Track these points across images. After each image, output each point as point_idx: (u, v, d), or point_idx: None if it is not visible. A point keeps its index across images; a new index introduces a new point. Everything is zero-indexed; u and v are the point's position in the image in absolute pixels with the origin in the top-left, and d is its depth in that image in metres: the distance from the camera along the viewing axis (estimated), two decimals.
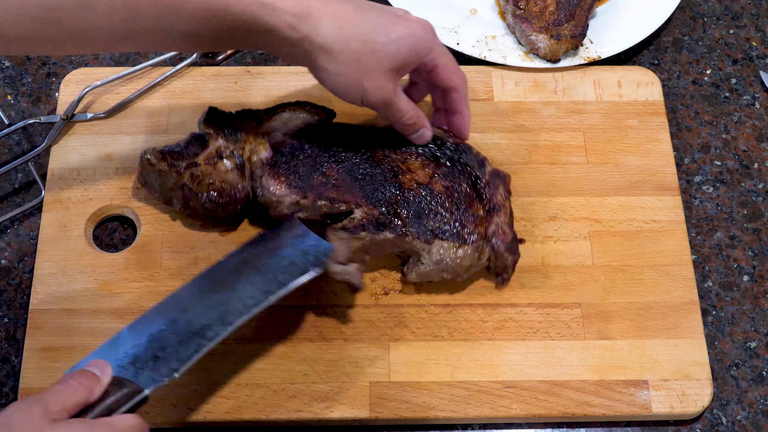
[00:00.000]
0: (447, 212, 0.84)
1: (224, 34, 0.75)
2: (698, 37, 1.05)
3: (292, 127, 0.88)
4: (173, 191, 0.85)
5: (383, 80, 0.79)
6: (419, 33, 0.79)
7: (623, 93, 0.98)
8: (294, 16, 0.74)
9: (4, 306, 0.87)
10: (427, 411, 0.81)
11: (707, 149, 0.98)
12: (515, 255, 0.84)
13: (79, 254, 0.87)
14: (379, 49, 0.77)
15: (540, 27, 0.98)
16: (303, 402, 0.81)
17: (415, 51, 0.79)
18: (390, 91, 0.80)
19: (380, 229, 0.82)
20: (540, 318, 0.86)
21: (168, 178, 0.85)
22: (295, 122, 0.88)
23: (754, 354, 0.87)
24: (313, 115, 0.89)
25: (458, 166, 0.86)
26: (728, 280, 0.91)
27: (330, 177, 0.85)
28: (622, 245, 0.89)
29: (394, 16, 0.79)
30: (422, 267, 0.83)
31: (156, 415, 0.80)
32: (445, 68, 0.82)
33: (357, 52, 0.77)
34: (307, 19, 0.75)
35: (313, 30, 0.75)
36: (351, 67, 0.77)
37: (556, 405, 0.82)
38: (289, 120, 0.88)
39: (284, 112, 0.88)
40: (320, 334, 0.84)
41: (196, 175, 0.84)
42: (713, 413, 0.84)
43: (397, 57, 0.78)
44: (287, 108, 0.88)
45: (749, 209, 0.95)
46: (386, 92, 0.80)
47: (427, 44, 0.80)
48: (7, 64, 1.01)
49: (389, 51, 0.77)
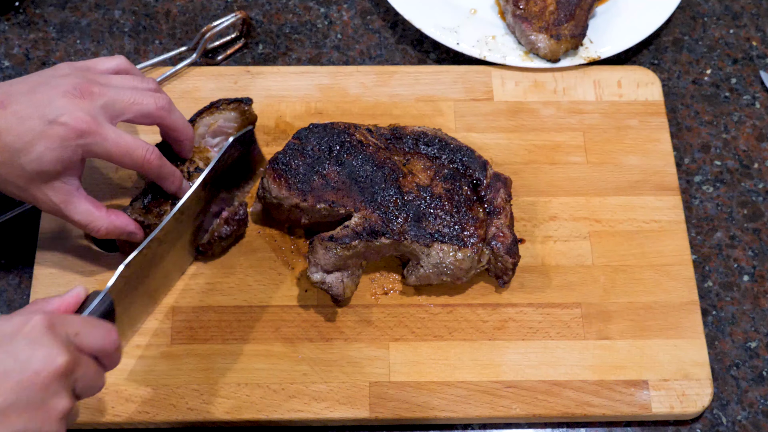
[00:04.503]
0: (447, 215, 0.84)
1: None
2: (698, 37, 1.05)
3: (218, 128, 0.89)
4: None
5: (42, 194, 0.76)
6: (65, 142, 0.74)
7: (623, 93, 0.98)
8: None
9: (4, 306, 0.87)
10: (427, 411, 0.81)
11: (707, 149, 0.98)
12: (515, 257, 0.84)
13: (79, 254, 0.87)
14: (23, 171, 0.75)
15: (540, 27, 0.98)
16: (303, 402, 0.81)
17: (63, 161, 0.75)
18: (55, 204, 0.77)
19: (375, 237, 0.82)
20: (540, 318, 0.86)
21: None
22: (219, 122, 0.88)
23: (754, 354, 0.87)
24: (231, 110, 0.89)
25: (459, 169, 0.86)
26: (728, 280, 0.91)
27: (330, 179, 0.85)
28: (622, 245, 0.89)
29: (43, 127, 0.74)
30: (421, 270, 0.83)
31: (156, 414, 0.80)
32: (109, 155, 0.77)
33: (9, 169, 0.75)
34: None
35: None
36: (9, 184, 0.76)
37: (556, 405, 0.82)
38: (211, 123, 0.88)
39: (203, 117, 0.88)
40: (320, 334, 0.84)
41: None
42: (713, 413, 0.84)
43: (46, 173, 0.75)
44: (204, 112, 0.89)
45: (749, 209, 0.95)
46: (51, 204, 0.77)
47: (75, 151, 0.75)
48: (7, 64, 1.01)
49: (33, 169, 0.74)
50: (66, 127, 0.74)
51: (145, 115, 0.79)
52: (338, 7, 1.06)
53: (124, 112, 0.78)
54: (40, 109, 0.74)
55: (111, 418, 0.80)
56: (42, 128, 0.74)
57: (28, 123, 0.74)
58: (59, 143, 0.74)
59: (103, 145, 0.76)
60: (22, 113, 0.74)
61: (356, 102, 0.96)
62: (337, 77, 0.98)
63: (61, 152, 0.74)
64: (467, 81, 0.98)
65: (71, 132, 0.74)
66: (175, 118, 0.82)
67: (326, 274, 0.82)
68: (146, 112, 0.79)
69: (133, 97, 0.78)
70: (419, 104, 0.96)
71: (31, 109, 0.74)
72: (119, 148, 0.77)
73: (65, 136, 0.74)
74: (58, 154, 0.74)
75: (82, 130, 0.75)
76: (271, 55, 1.02)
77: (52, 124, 0.74)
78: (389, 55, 1.03)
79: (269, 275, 0.87)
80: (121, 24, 1.03)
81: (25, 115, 0.74)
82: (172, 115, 0.81)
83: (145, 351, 0.83)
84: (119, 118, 0.78)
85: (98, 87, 0.77)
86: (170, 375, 0.82)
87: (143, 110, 0.79)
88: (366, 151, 0.86)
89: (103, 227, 0.79)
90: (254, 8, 1.05)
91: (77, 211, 0.78)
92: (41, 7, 1.04)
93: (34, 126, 0.74)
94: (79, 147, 0.75)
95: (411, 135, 0.88)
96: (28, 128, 0.74)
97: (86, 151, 0.76)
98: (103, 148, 0.76)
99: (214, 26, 0.99)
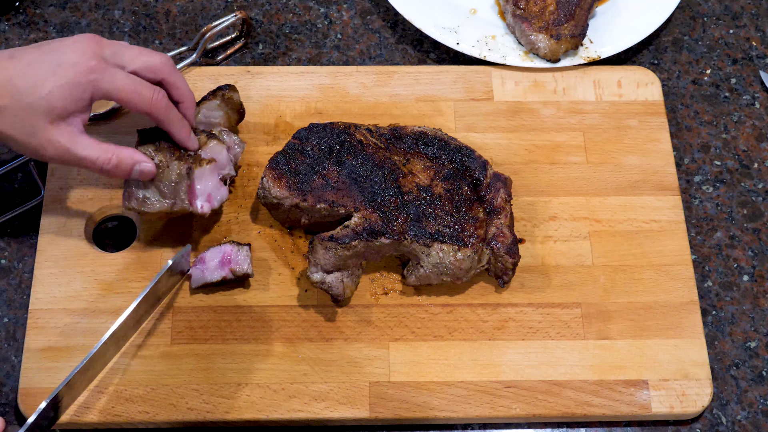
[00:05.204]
0: (447, 215, 0.84)
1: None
2: (698, 37, 1.05)
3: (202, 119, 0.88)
4: None
5: (49, 136, 0.77)
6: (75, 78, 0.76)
7: (623, 93, 0.98)
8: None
9: (4, 306, 0.87)
10: (427, 411, 0.81)
11: (707, 149, 0.98)
12: (515, 257, 0.84)
13: (79, 254, 0.87)
14: (32, 110, 0.76)
15: (540, 27, 0.98)
16: (303, 402, 0.81)
17: (73, 97, 0.77)
18: (62, 145, 0.78)
19: (375, 237, 0.82)
20: (540, 318, 0.86)
21: None
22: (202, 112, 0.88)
23: (754, 354, 0.87)
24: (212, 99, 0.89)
25: (459, 169, 0.86)
26: (728, 280, 0.91)
27: (330, 179, 0.85)
28: (622, 245, 0.89)
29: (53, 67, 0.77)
30: (421, 270, 0.83)
31: (156, 414, 0.80)
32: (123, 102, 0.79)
33: (15, 114, 0.76)
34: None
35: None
36: (16, 129, 0.77)
37: (556, 405, 0.82)
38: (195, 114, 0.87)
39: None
40: (320, 334, 0.84)
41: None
42: (713, 413, 0.84)
43: (54, 110, 0.76)
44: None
45: (749, 209, 0.95)
46: (60, 146, 0.78)
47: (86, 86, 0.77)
48: None
49: (43, 107, 0.76)
50: (75, 67, 0.77)
51: (151, 68, 0.81)
52: (338, 7, 1.06)
53: (131, 62, 0.80)
54: (50, 56, 0.77)
55: (111, 418, 0.80)
56: (52, 69, 0.77)
57: (37, 66, 0.77)
58: (69, 79, 0.77)
59: (112, 83, 0.78)
60: (31, 61, 0.77)
61: (356, 102, 0.96)
62: (337, 77, 0.98)
63: (71, 89, 0.77)
64: (467, 81, 0.98)
65: (81, 69, 0.77)
66: (180, 77, 0.83)
67: (326, 274, 0.82)
68: (152, 64, 0.81)
69: (140, 50, 0.81)
70: (419, 104, 0.96)
71: (41, 57, 0.77)
72: (128, 86, 0.79)
73: (75, 73, 0.77)
74: (68, 91, 0.77)
75: (92, 67, 0.77)
76: (271, 55, 1.02)
77: (62, 65, 0.77)
78: (389, 55, 1.03)
79: (269, 275, 0.87)
80: (121, 24, 1.03)
81: (34, 61, 0.77)
82: (176, 73, 0.83)
83: (145, 351, 0.83)
84: (126, 68, 0.80)
85: (106, 41, 0.80)
86: (170, 375, 0.82)
87: (149, 62, 0.81)
88: (366, 150, 0.86)
89: (113, 159, 0.80)
90: (254, 8, 1.05)
91: (85, 148, 0.79)
92: (41, 7, 1.04)
93: (44, 69, 0.77)
94: (90, 84, 0.77)
95: (411, 135, 0.88)
96: (37, 71, 0.76)
97: (96, 89, 0.78)
98: (113, 86, 0.78)
99: (214, 26, 0.99)
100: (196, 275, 0.85)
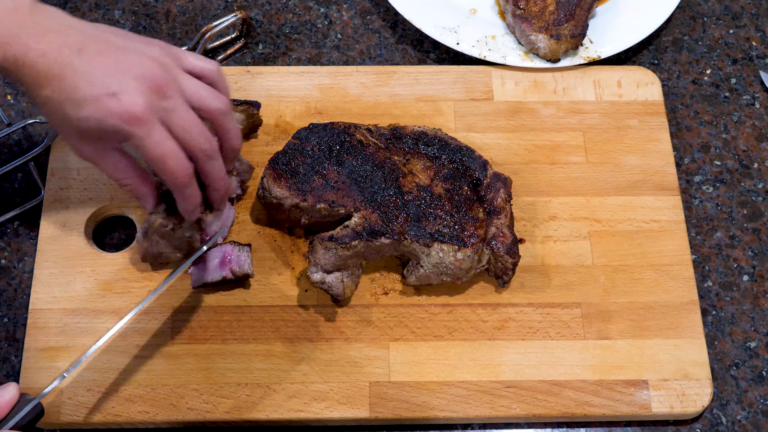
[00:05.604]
0: (447, 215, 0.84)
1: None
2: (698, 37, 1.05)
3: None
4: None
5: (78, 145, 0.76)
6: (111, 120, 0.72)
7: (623, 93, 0.98)
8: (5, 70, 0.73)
9: (4, 306, 0.87)
10: (427, 411, 0.81)
11: (707, 149, 0.98)
12: (515, 257, 0.84)
13: (79, 254, 0.87)
14: (67, 121, 0.74)
15: (540, 27, 0.98)
16: (303, 402, 0.81)
17: (104, 132, 0.74)
18: (88, 156, 0.77)
19: (375, 237, 0.82)
20: (540, 318, 0.86)
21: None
22: None
23: (754, 354, 0.87)
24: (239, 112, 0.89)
25: (459, 169, 0.86)
26: (728, 280, 0.91)
27: (330, 179, 0.85)
28: (622, 245, 0.89)
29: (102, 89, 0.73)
30: (421, 270, 0.83)
31: (156, 414, 0.80)
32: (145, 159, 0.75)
33: (50, 115, 0.75)
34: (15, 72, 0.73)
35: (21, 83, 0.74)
36: (51, 123, 0.76)
37: (556, 405, 0.82)
38: None
39: None
40: (320, 334, 0.84)
41: None
42: (713, 413, 0.84)
43: (85, 133, 0.74)
44: None
45: (749, 209, 0.95)
46: (84, 156, 0.77)
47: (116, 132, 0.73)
48: None
49: (76, 126, 0.74)
50: (119, 105, 0.72)
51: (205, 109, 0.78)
52: (338, 7, 1.06)
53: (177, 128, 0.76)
54: (109, 76, 0.73)
55: (111, 418, 0.80)
56: (99, 93, 0.72)
57: (92, 81, 0.73)
58: (104, 115, 0.73)
59: (143, 140, 0.74)
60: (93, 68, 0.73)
61: (356, 102, 0.96)
62: (337, 77, 0.98)
63: (102, 125, 0.73)
64: (467, 81, 0.98)
65: (122, 112, 0.73)
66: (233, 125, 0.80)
67: (326, 274, 0.82)
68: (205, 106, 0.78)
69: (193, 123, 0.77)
70: (419, 104, 0.96)
71: (101, 69, 0.73)
72: (157, 151, 0.75)
73: (114, 112, 0.73)
74: (98, 125, 0.73)
75: (133, 115, 0.73)
76: (271, 55, 1.02)
77: (110, 96, 0.73)
78: (389, 55, 1.03)
79: (269, 275, 0.87)
80: (121, 24, 1.03)
81: (93, 71, 0.73)
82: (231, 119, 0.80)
83: (145, 351, 0.83)
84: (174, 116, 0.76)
85: (171, 90, 0.75)
86: (170, 375, 0.82)
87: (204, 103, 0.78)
88: (366, 150, 0.86)
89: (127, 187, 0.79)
90: (254, 8, 1.05)
91: (108, 167, 0.77)
92: None
93: (96, 88, 0.73)
94: (120, 129, 0.73)
95: (411, 135, 0.88)
96: (89, 86, 0.72)
97: (124, 136, 0.74)
98: (142, 143, 0.74)
99: (214, 26, 0.99)
100: (196, 275, 0.85)
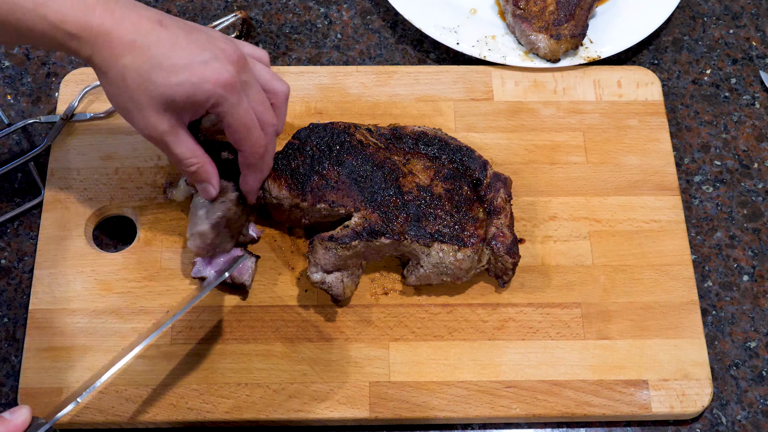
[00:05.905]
0: (447, 215, 0.84)
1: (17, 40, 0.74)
2: (698, 37, 1.05)
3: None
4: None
5: (154, 119, 0.74)
6: (207, 85, 0.72)
7: (623, 93, 0.98)
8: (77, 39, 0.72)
9: (4, 306, 0.87)
10: (427, 411, 0.81)
11: (707, 149, 0.98)
12: (515, 257, 0.84)
13: (79, 254, 0.87)
14: (153, 88, 0.72)
15: (540, 27, 0.98)
16: (303, 402, 0.81)
17: (193, 101, 0.73)
18: (162, 132, 0.75)
19: (375, 237, 0.82)
20: (540, 318, 0.86)
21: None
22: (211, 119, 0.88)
23: (754, 354, 0.87)
24: None
25: (459, 169, 0.86)
26: (728, 280, 0.91)
27: (330, 179, 0.85)
28: (622, 245, 0.89)
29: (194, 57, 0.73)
30: (421, 270, 0.83)
31: (156, 414, 0.80)
32: (228, 129, 0.76)
33: (129, 84, 0.72)
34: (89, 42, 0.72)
35: (94, 54, 0.72)
36: (122, 97, 0.74)
37: (555, 405, 0.82)
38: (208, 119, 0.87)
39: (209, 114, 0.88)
40: (320, 334, 0.84)
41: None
42: (713, 413, 0.84)
43: (171, 102, 0.73)
44: None
45: (749, 209, 0.95)
46: (157, 132, 0.75)
47: (210, 97, 0.73)
48: (7, 63, 1.01)
49: (164, 93, 0.72)
50: (214, 71, 0.73)
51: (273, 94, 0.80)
52: (338, 7, 1.06)
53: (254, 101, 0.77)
54: (197, 46, 0.73)
55: (111, 418, 0.80)
56: (191, 60, 0.72)
57: (181, 50, 0.72)
58: (200, 80, 0.72)
59: (234, 107, 0.74)
60: (179, 39, 0.73)
61: (356, 102, 0.96)
62: (336, 77, 0.98)
63: (198, 92, 0.72)
64: (467, 81, 0.98)
65: (217, 77, 0.73)
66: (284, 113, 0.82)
67: (326, 274, 0.82)
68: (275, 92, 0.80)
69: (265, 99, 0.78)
70: (419, 104, 0.96)
71: (188, 40, 0.73)
72: (243, 121, 0.75)
73: (209, 78, 0.72)
74: (195, 92, 0.72)
75: (227, 81, 0.73)
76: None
77: (203, 63, 0.72)
78: (389, 55, 1.03)
79: (269, 275, 0.87)
80: None
81: (180, 42, 0.73)
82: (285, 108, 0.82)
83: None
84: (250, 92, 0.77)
85: (247, 67, 0.76)
86: (170, 375, 0.82)
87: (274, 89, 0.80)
88: (366, 150, 0.86)
89: (194, 167, 0.78)
90: (254, 8, 1.06)
91: (179, 144, 0.76)
92: None
93: (185, 56, 0.72)
94: (216, 98, 0.73)
95: (411, 135, 0.88)
96: (179, 54, 0.72)
97: (216, 104, 0.74)
98: (232, 110, 0.74)
99: (214, 26, 0.99)
100: (200, 267, 0.84)
